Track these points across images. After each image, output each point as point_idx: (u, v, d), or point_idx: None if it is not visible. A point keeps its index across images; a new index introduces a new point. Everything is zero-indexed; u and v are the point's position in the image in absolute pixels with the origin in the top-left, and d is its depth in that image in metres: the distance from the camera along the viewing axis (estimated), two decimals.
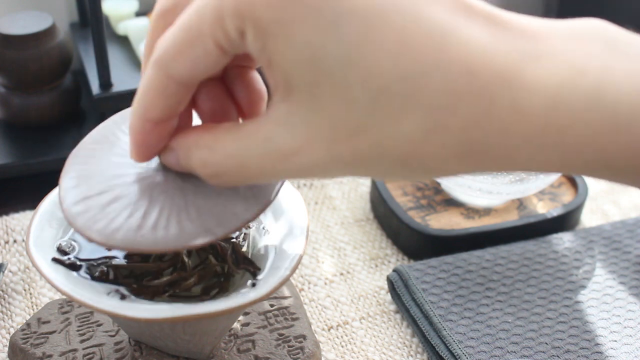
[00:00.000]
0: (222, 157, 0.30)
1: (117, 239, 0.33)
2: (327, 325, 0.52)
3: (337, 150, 0.28)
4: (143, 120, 0.31)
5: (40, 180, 0.62)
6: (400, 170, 0.28)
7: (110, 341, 0.45)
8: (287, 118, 0.28)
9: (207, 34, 0.28)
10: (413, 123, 0.26)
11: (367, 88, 0.26)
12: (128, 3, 0.71)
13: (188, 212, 0.33)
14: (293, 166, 0.29)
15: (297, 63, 0.27)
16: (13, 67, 0.63)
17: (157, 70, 0.30)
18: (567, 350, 0.47)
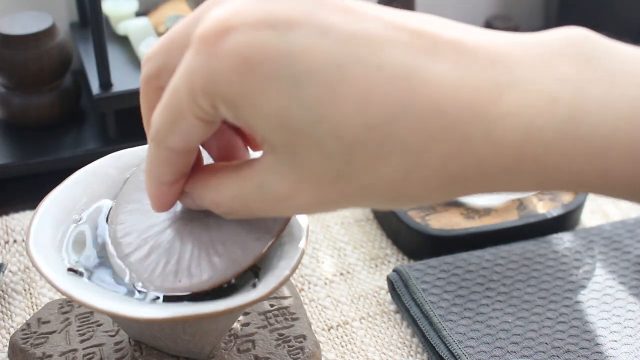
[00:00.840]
0: (227, 198, 0.32)
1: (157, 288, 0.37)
2: (327, 325, 0.52)
3: (325, 194, 0.29)
4: (158, 185, 0.34)
5: (40, 180, 0.62)
6: (389, 204, 0.30)
7: (110, 341, 0.45)
8: (276, 167, 0.30)
9: (187, 111, 0.29)
10: (390, 167, 0.27)
11: (340, 142, 0.27)
12: (128, 3, 0.71)
13: (215, 248, 0.37)
14: (289, 207, 0.31)
15: (268, 129, 0.28)
16: (13, 67, 0.63)
17: (156, 145, 0.32)
18: (567, 350, 0.47)
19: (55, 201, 0.41)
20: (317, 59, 0.26)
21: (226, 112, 0.29)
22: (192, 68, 0.28)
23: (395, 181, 0.28)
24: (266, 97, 0.27)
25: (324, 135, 0.27)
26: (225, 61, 0.27)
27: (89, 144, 0.65)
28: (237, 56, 0.27)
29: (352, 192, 0.29)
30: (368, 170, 0.28)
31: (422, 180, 0.28)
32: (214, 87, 0.28)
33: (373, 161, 0.27)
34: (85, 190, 0.42)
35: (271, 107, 0.27)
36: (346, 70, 0.26)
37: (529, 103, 0.26)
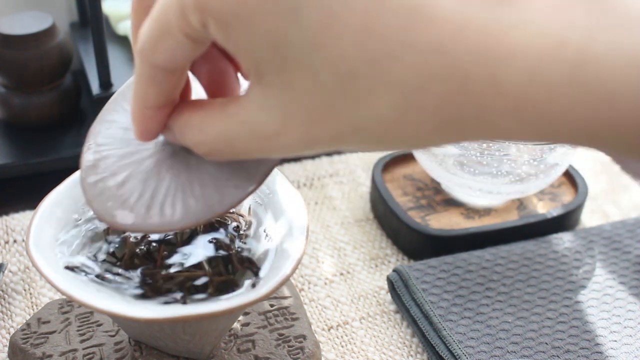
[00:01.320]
0: (210, 137, 0.31)
1: (128, 222, 0.35)
2: (327, 325, 0.52)
3: (314, 131, 0.28)
4: (142, 108, 0.32)
5: (40, 180, 0.62)
6: (380, 146, 0.28)
7: (110, 341, 0.45)
8: (263, 101, 0.28)
9: (175, 27, 0.28)
10: (385, 105, 0.26)
11: (334, 73, 0.26)
12: (128, 3, 0.71)
13: (192, 188, 0.35)
14: (276, 146, 0.29)
15: (261, 52, 0.27)
16: (13, 67, 0.63)
17: (141, 61, 0.30)
18: (567, 350, 0.47)
19: (55, 201, 0.41)
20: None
21: (216, 31, 0.27)
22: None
23: (388, 121, 0.27)
24: (262, 17, 0.26)
25: (319, 63, 0.26)
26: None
27: None
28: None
29: (343, 130, 0.27)
30: (361, 106, 0.26)
31: (417, 121, 0.26)
32: (207, 2, 0.27)
33: (367, 97, 0.26)
34: None
35: (266, 29, 0.26)
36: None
37: (535, 45, 0.25)
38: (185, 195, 0.35)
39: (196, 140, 0.32)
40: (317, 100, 0.27)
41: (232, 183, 0.34)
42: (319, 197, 0.63)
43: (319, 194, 0.63)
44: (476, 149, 0.53)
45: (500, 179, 0.56)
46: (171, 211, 0.34)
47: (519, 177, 0.55)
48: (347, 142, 0.28)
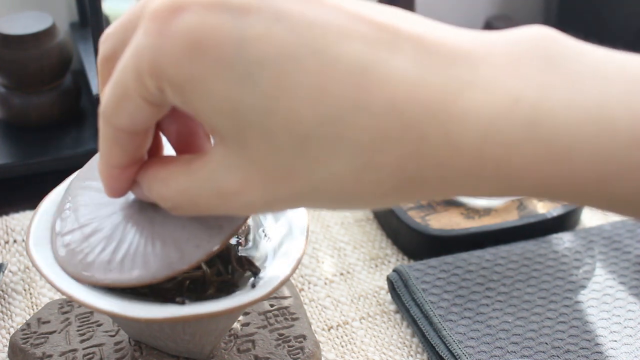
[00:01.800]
0: (175, 192, 0.31)
1: (86, 276, 0.36)
2: (327, 325, 0.52)
3: (273, 191, 0.28)
4: (109, 167, 0.32)
5: (40, 180, 0.62)
6: (341, 205, 0.29)
7: (110, 341, 0.45)
8: (225, 160, 0.28)
9: (133, 91, 0.28)
10: (342, 165, 0.26)
11: (290, 135, 0.26)
12: (128, 3, 0.71)
13: (154, 245, 0.35)
14: (237, 204, 0.29)
15: (217, 116, 0.27)
16: (13, 67, 0.63)
17: (104, 123, 0.30)
18: (567, 350, 0.47)
19: (55, 201, 0.41)
20: (271, 47, 0.25)
21: (173, 96, 0.27)
22: (140, 46, 0.27)
23: (347, 181, 0.27)
24: (216, 83, 0.26)
25: (275, 127, 0.26)
26: (174, 42, 0.26)
27: (89, 144, 0.65)
28: (187, 38, 0.26)
29: (302, 191, 0.28)
30: (319, 168, 0.26)
31: (376, 181, 0.26)
32: (160, 68, 0.26)
33: (324, 157, 0.26)
34: None
35: (220, 95, 0.26)
36: (300, 60, 0.25)
37: (490, 103, 0.25)
38: (146, 251, 0.35)
39: (161, 195, 0.32)
40: (274, 161, 0.27)
41: (193, 243, 0.35)
42: None
43: None
44: None
45: None
46: (130, 266, 0.35)
47: None
48: (307, 201, 0.28)
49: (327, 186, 0.27)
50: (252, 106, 0.26)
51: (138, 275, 0.35)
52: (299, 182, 0.27)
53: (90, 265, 0.36)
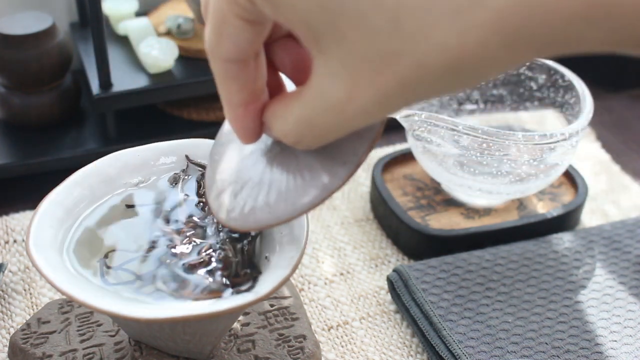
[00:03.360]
0: (293, 124, 0.32)
1: (251, 223, 0.37)
2: (327, 325, 0.52)
3: (382, 84, 0.27)
4: (233, 107, 0.33)
5: (40, 180, 0.62)
6: (453, 81, 0.27)
7: (110, 341, 0.45)
8: (328, 68, 0.28)
9: (227, 12, 0.30)
10: (442, 31, 0.25)
11: (383, 10, 0.25)
12: (128, 3, 0.71)
13: (303, 176, 0.36)
14: (351, 113, 0.29)
15: (309, 11, 0.27)
16: (13, 67, 0.63)
17: (212, 59, 0.32)
18: (567, 350, 0.47)
19: (55, 201, 0.41)
20: None
21: (263, 3, 0.28)
22: None
23: (450, 48, 0.25)
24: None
25: (366, 6, 0.26)
26: None
27: (89, 144, 0.65)
28: None
29: (410, 74, 0.26)
30: (418, 40, 0.25)
31: (480, 41, 0.25)
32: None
33: (421, 28, 0.25)
34: (85, 190, 0.42)
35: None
36: None
37: None
38: (297, 184, 0.36)
39: (283, 131, 0.33)
40: (373, 47, 0.26)
41: (340, 161, 0.35)
42: None
43: None
44: (476, 149, 0.53)
45: (500, 179, 0.56)
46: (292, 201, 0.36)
47: (519, 177, 0.55)
48: (417, 85, 0.27)
49: (431, 60, 0.26)
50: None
51: (301, 205, 0.35)
52: (402, 64, 0.26)
53: (249, 214, 0.37)
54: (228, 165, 0.39)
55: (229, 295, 0.38)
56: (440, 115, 0.53)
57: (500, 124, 0.67)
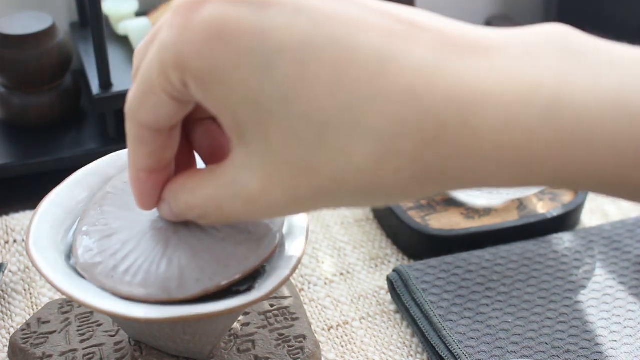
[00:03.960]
0: (201, 199, 0.32)
1: (91, 273, 0.37)
2: (327, 325, 0.52)
3: (295, 188, 0.28)
4: (136, 170, 0.33)
5: (40, 180, 0.62)
6: (363, 200, 0.28)
7: (110, 341, 0.45)
8: (246, 160, 0.29)
9: (157, 86, 0.29)
10: (362, 153, 0.26)
11: (310, 124, 0.26)
12: (128, 3, 0.71)
13: (159, 266, 0.36)
14: (260, 206, 0.30)
15: (239, 106, 0.27)
16: (13, 67, 0.63)
17: (129, 120, 0.31)
18: (567, 350, 0.47)
19: (55, 201, 0.41)
20: (290, 37, 0.26)
21: (195, 89, 0.28)
22: (165, 41, 0.28)
23: (366, 170, 0.26)
24: (237, 72, 0.26)
25: (295, 116, 0.26)
26: (196, 32, 0.27)
27: (89, 144, 0.65)
28: (209, 28, 0.26)
29: (323, 184, 0.28)
30: (338, 157, 0.27)
31: (395, 169, 0.26)
32: (184, 60, 0.27)
33: (343, 146, 0.26)
34: (85, 191, 0.42)
35: (241, 84, 0.27)
36: (319, 50, 0.26)
37: (509, 88, 0.25)
38: (150, 269, 0.36)
39: (188, 203, 0.33)
40: (295, 153, 0.27)
41: (195, 275, 0.36)
42: None
43: None
44: None
45: None
46: (130, 279, 0.36)
47: None
48: (328, 196, 0.28)
49: (347, 177, 0.27)
50: (272, 94, 0.26)
51: (133, 290, 0.36)
52: (319, 175, 0.27)
53: (96, 264, 0.37)
54: (116, 205, 0.39)
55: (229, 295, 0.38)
56: None
57: None
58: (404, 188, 0.27)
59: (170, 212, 0.35)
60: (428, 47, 0.26)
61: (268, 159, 0.28)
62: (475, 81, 0.25)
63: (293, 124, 0.26)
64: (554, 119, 0.25)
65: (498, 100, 0.25)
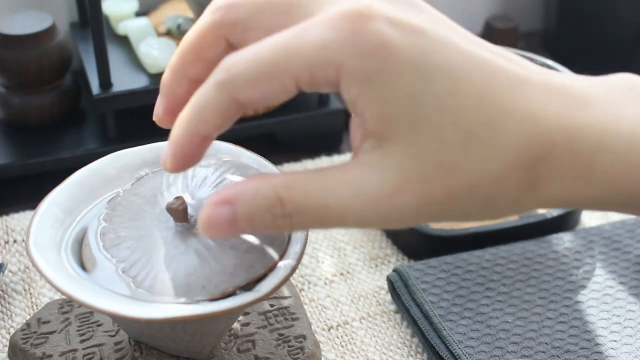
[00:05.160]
0: (301, 195, 0.31)
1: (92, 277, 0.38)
2: (327, 325, 0.52)
3: (430, 190, 0.30)
4: (192, 135, 0.32)
5: (40, 180, 0.62)
6: (487, 207, 0.32)
7: (110, 341, 0.45)
8: (380, 162, 0.30)
9: (291, 74, 0.30)
10: (499, 161, 0.30)
11: (458, 131, 0.30)
12: (128, 3, 0.71)
13: (168, 269, 0.37)
14: (383, 209, 0.30)
15: (397, 108, 0.30)
16: (13, 67, 0.63)
17: (221, 91, 0.31)
18: (567, 350, 0.47)
19: (55, 201, 0.41)
20: (444, 59, 0.30)
21: (349, 87, 0.30)
22: (328, 40, 0.29)
23: (499, 177, 0.31)
24: (400, 78, 0.29)
25: (445, 122, 0.30)
26: (367, 39, 0.29)
27: (89, 144, 0.65)
28: (379, 37, 0.29)
29: (457, 190, 0.30)
30: (478, 163, 0.30)
31: (517, 181, 0.31)
32: (347, 61, 0.29)
33: (483, 153, 0.30)
34: (85, 190, 0.42)
35: (403, 88, 0.29)
36: (469, 73, 0.30)
37: (600, 121, 0.31)
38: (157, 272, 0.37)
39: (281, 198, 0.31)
40: (439, 156, 0.30)
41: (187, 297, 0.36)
42: None
43: None
44: None
45: None
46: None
47: None
48: (458, 203, 0.31)
49: (481, 182, 0.30)
50: (429, 102, 0.30)
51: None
52: (457, 179, 0.30)
53: (104, 270, 0.37)
54: (130, 209, 0.40)
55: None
56: None
57: None
58: (519, 198, 0.32)
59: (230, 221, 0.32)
60: (540, 87, 0.32)
61: (408, 162, 0.30)
62: (576, 113, 0.31)
63: (443, 128, 0.30)
64: (634, 144, 0.31)
65: (593, 128, 0.31)
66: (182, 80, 0.35)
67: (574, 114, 0.31)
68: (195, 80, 0.35)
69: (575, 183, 0.31)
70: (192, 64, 0.35)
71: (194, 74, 0.35)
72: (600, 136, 0.31)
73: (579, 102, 0.32)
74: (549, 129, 0.31)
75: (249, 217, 0.31)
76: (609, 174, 0.31)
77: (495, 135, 0.30)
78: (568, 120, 0.31)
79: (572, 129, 0.31)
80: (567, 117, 0.31)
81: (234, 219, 0.32)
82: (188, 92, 0.35)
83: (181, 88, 0.35)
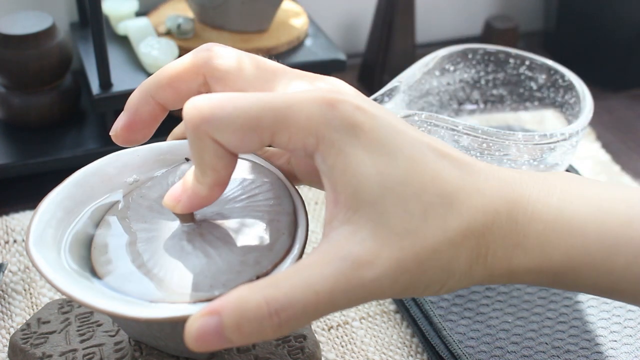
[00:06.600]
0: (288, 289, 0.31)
1: (105, 279, 0.38)
2: (327, 325, 0.52)
3: (402, 257, 0.32)
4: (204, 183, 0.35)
5: (40, 180, 0.62)
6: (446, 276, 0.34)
7: (110, 341, 0.45)
8: (354, 235, 0.32)
9: (271, 132, 0.33)
10: (453, 229, 0.33)
11: (419, 202, 0.33)
12: (128, 3, 0.71)
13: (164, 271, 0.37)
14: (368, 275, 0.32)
15: (368, 180, 0.33)
16: (13, 67, 0.63)
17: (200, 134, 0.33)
18: (567, 350, 0.47)
19: (55, 201, 0.41)
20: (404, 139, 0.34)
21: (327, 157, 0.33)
22: (313, 112, 0.33)
23: (454, 241, 0.33)
24: (369, 154, 0.33)
25: (409, 194, 0.33)
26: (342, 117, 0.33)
27: (89, 144, 0.65)
28: (350, 119, 0.33)
29: (424, 253, 0.33)
30: (437, 229, 0.33)
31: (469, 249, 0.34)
32: (325, 131, 0.33)
33: (441, 221, 0.33)
34: (85, 190, 0.42)
35: (371, 163, 0.33)
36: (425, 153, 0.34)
37: (533, 194, 0.36)
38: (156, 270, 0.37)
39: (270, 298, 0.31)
40: (406, 225, 0.33)
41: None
42: (319, 197, 0.63)
43: (319, 194, 0.63)
44: (476, 149, 0.53)
45: None
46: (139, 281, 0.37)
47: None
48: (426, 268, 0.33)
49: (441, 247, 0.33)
50: (394, 176, 0.33)
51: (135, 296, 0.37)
52: (421, 244, 0.33)
53: (111, 271, 0.38)
54: (145, 207, 0.40)
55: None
56: (440, 115, 0.53)
57: (500, 124, 0.67)
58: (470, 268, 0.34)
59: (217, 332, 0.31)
60: (483, 166, 0.36)
61: (379, 230, 0.32)
62: (514, 188, 0.35)
63: (406, 199, 0.33)
64: (563, 214, 0.35)
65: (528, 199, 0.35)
66: (149, 100, 0.39)
67: (512, 188, 0.35)
68: (162, 105, 0.39)
69: (514, 252, 0.35)
70: (163, 89, 0.38)
71: (162, 99, 0.39)
72: (532, 207, 0.35)
73: (515, 180, 0.36)
74: (492, 200, 0.34)
75: (237, 324, 0.31)
76: (540, 241, 0.34)
77: (449, 206, 0.33)
78: (507, 192, 0.35)
79: (511, 201, 0.35)
80: (507, 190, 0.35)
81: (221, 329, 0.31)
82: (151, 114, 0.39)
83: (146, 108, 0.39)
